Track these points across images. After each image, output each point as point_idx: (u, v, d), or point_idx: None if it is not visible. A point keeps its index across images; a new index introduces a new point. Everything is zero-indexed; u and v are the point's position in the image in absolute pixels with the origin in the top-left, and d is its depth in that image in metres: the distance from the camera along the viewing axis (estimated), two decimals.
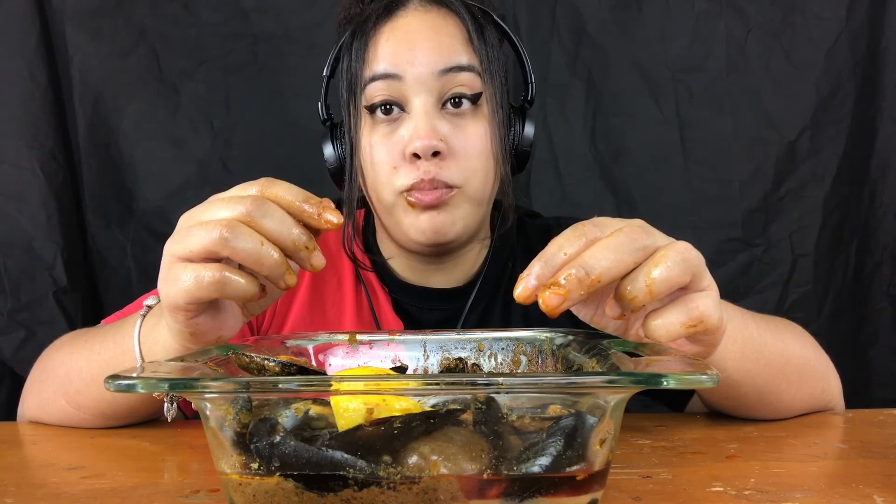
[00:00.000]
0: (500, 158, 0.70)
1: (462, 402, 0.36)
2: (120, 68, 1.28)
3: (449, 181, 0.67)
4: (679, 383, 0.33)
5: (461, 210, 0.69)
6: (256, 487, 0.35)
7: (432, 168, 0.66)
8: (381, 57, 0.68)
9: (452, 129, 0.68)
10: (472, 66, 0.68)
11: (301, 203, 0.46)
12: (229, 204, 0.45)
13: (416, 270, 0.78)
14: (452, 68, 0.67)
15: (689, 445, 0.56)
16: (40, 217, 1.19)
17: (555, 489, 0.34)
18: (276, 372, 0.43)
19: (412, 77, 0.67)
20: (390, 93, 0.68)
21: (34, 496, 0.45)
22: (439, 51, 0.67)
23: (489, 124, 0.69)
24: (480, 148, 0.68)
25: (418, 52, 0.67)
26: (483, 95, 0.68)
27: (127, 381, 0.34)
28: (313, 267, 0.46)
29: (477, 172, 0.69)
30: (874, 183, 1.25)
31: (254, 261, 0.44)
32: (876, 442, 0.56)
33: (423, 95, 0.67)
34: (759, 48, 1.26)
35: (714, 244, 1.28)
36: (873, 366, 1.25)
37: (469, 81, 0.68)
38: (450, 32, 0.68)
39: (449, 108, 0.68)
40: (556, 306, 0.40)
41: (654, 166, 1.30)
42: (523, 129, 0.73)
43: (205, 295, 0.45)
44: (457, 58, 0.67)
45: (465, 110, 0.68)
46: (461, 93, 0.67)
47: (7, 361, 1.15)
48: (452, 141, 0.67)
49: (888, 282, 1.24)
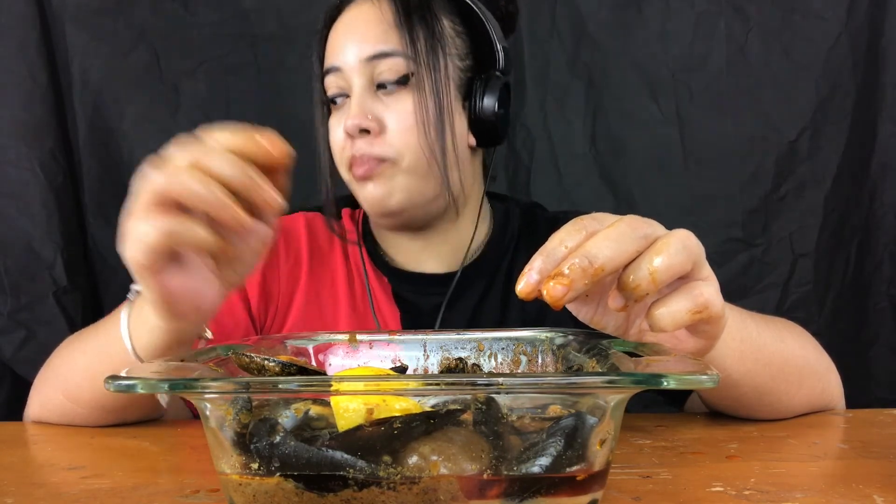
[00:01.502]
0: (438, 128, 0.73)
1: (462, 403, 0.36)
2: (120, 68, 1.28)
3: (379, 155, 0.73)
4: (679, 383, 0.33)
5: (396, 181, 0.74)
6: (256, 488, 0.35)
7: (363, 145, 0.73)
8: (328, 53, 0.77)
9: (384, 108, 0.73)
10: (396, 51, 0.73)
11: (242, 147, 0.46)
12: (170, 158, 0.46)
13: (409, 254, 0.83)
14: (377, 55, 0.73)
15: (689, 445, 0.56)
16: (40, 217, 1.19)
17: (555, 489, 0.34)
18: (276, 372, 0.43)
19: (347, 67, 0.74)
20: (338, 84, 0.75)
21: (34, 496, 0.45)
22: (365, 40, 0.73)
23: (423, 101, 0.72)
24: (411, 122, 0.72)
25: (348, 44, 0.74)
26: (415, 75, 0.72)
27: (127, 382, 0.34)
28: (266, 202, 0.46)
29: (410, 145, 0.73)
30: (874, 183, 1.25)
31: (197, 198, 0.44)
32: (876, 442, 0.56)
33: (357, 81, 0.73)
34: (759, 48, 1.26)
35: (714, 244, 1.28)
36: (873, 366, 1.24)
37: (394, 66, 0.73)
38: (378, 20, 0.73)
39: (382, 90, 0.74)
40: (560, 297, 0.39)
41: (654, 166, 1.30)
42: (483, 97, 0.75)
43: (159, 242, 0.45)
44: (380, 46, 0.73)
45: (396, 90, 0.73)
46: (386, 79, 0.73)
47: (7, 361, 1.15)
48: (386, 119, 0.73)
49: (888, 282, 1.24)
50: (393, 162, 0.73)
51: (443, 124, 0.73)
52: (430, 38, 0.73)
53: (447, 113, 0.74)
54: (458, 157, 0.75)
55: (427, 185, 0.75)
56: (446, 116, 0.74)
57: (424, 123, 0.72)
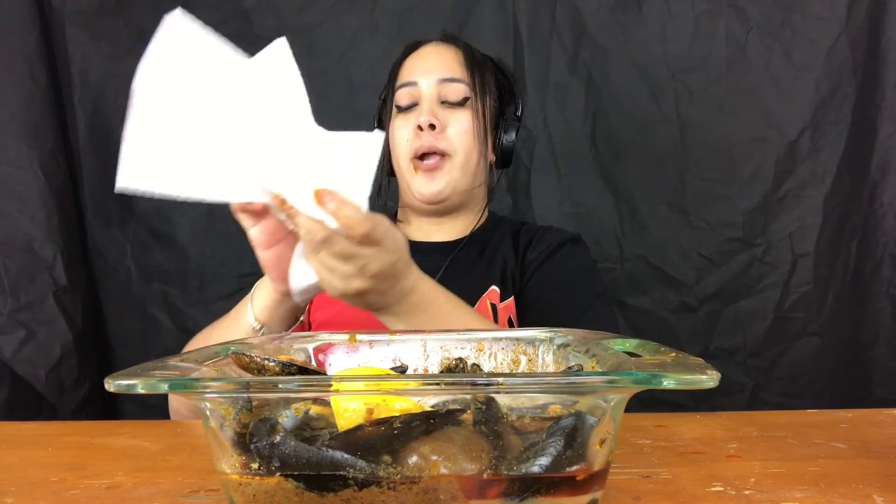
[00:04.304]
0: (482, 141, 0.97)
1: (462, 402, 0.36)
2: (120, 68, 1.28)
3: (442, 149, 0.95)
4: (679, 383, 0.33)
5: (452, 175, 0.96)
6: (256, 487, 0.35)
7: (429, 138, 0.94)
8: (404, 73, 1.00)
9: (447, 115, 0.97)
10: (462, 80, 0.97)
11: None
12: None
13: (422, 230, 1.04)
14: (448, 79, 0.97)
15: (689, 445, 0.56)
16: (40, 217, 1.19)
17: (555, 489, 0.34)
18: (276, 372, 0.43)
19: (423, 83, 0.97)
20: (412, 95, 0.98)
21: (34, 496, 0.45)
22: (440, 68, 0.98)
23: (473, 118, 0.97)
24: (466, 128, 0.96)
25: (427, 68, 0.98)
26: (469, 100, 0.97)
27: (127, 381, 0.34)
28: None
29: (464, 145, 0.96)
30: (874, 183, 1.25)
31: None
32: (876, 442, 0.56)
33: (430, 94, 0.97)
34: (759, 48, 1.26)
35: (714, 244, 1.28)
36: (873, 366, 1.24)
37: (458, 89, 0.97)
38: (450, 57, 0.99)
39: (446, 105, 0.97)
40: None
41: (654, 166, 1.30)
42: (506, 132, 1.02)
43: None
44: (451, 73, 0.98)
45: (457, 108, 0.97)
46: (451, 98, 0.97)
47: (7, 361, 1.15)
48: (447, 122, 0.96)
49: (888, 282, 1.24)
50: (450, 157, 0.95)
51: (484, 137, 0.98)
52: (483, 79, 0.98)
53: (488, 131, 0.99)
54: (485, 164, 1.00)
55: (467, 179, 0.98)
56: (487, 133, 0.99)
57: (474, 132, 0.96)
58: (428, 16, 1.31)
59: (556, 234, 1.01)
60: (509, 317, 0.94)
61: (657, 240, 1.30)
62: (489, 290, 0.95)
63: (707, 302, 1.28)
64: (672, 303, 1.29)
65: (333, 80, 1.32)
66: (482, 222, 1.05)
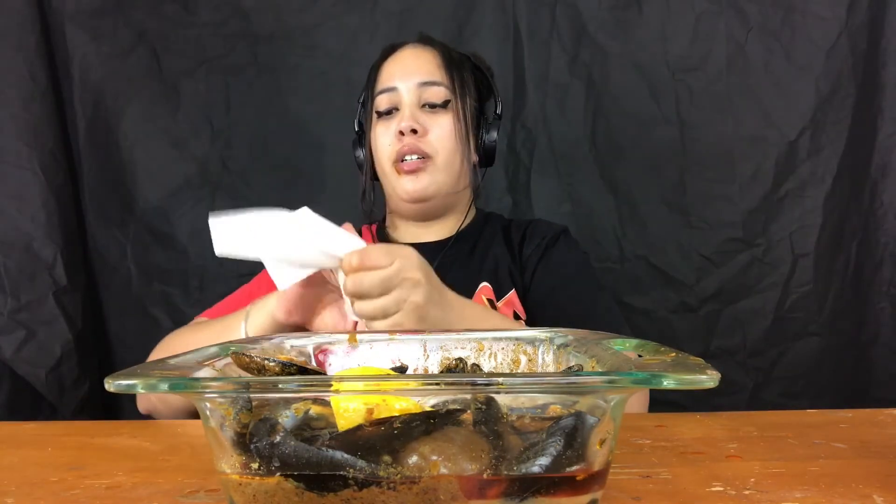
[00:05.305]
0: (465, 142, 0.98)
1: (462, 402, 0.36)
2: (120, 68, 1.28)
3: (423, 151, 0.96)
4: (679, 383, 0.32)
5: (434, 177, 0.97)
6: (256, 487, 0.35)
7: (411, 141, 0.95)
8: (383, 78, 1.00)
9: (428, 119, 0.97)
10: (442, 83, 0.98)
11: None
12: None
13: (410, 233, 1.05)
14: (428, 82, 0.98)
15: (689, 445, 0.56)
16: (40, 217, 1.19)
17: (555, 489, 0.34)
18: (276, 372, 0.43)
19: (402, 87, 0.98)
20: (392, 100, 0.98)
21: (34, 496, 0.45)
22: (419, 71, 0.98)
23: (455, 120, 0.97)
24: (448, 131, 0.97)
25: (406, 72, 0.98)
26: (450, 103, 0.98)
27: (127, 381, 0.34)
28: None
29: (446, 148, 0.97)
30: (874, 183, 1.25)
31: None
32: (876, 442, 0.56)
33: (409, 99, 0.97)
34: (759, 48, 1.26)
35: (714, 244, 1.28)
36: (873, 366, 1.24)
37: (438, 92, 0.98)
38: (428, 60, 0.99)
39: (426, 108, 0.98)
40: None
41: (654, 166, 1.30)
42: (488, 132, 1.02)
43: None
44: (431, 77, 0.98)
45: (438, 111, 0.98)
46: (432, 101, 0.97)
47: (7, 361, 1.15)
48: (428, 126, 0.96)
49: (888, 282, 1.24)
50: (432, 159, 0.96)
51: (466, 138, 0.99)
52: (462, 80, 0.99)
53: (470, 132, 0.99)
54: (469, 165, 1.01)
55: (451, 181, 0.99)
56: (469, 134, 0.99)
57: (456, 135, 0.97)
58: (428, 16, 1.31)
59: (546, 226, 1.04)
60: (514, 311, 0.95)
61: (657, 240, 1.30)
62: (480, 286, 0.97)
63: (707, 302, 1.28)
64: (672, 303, 1.29)
65: (333, 80, 1.32)
66: (470, 220, 1.06)
